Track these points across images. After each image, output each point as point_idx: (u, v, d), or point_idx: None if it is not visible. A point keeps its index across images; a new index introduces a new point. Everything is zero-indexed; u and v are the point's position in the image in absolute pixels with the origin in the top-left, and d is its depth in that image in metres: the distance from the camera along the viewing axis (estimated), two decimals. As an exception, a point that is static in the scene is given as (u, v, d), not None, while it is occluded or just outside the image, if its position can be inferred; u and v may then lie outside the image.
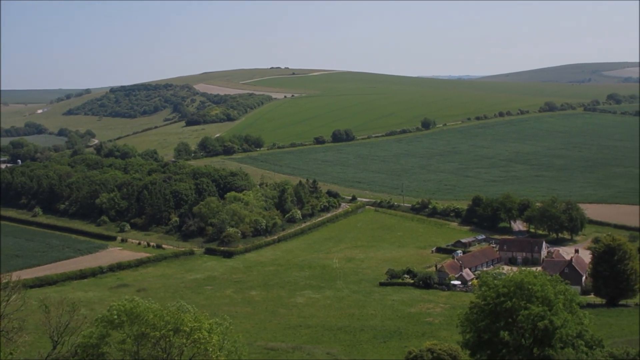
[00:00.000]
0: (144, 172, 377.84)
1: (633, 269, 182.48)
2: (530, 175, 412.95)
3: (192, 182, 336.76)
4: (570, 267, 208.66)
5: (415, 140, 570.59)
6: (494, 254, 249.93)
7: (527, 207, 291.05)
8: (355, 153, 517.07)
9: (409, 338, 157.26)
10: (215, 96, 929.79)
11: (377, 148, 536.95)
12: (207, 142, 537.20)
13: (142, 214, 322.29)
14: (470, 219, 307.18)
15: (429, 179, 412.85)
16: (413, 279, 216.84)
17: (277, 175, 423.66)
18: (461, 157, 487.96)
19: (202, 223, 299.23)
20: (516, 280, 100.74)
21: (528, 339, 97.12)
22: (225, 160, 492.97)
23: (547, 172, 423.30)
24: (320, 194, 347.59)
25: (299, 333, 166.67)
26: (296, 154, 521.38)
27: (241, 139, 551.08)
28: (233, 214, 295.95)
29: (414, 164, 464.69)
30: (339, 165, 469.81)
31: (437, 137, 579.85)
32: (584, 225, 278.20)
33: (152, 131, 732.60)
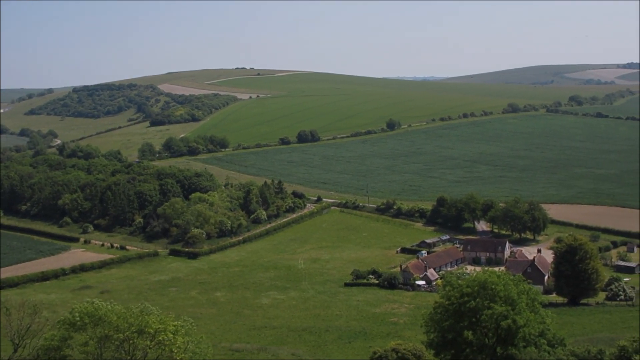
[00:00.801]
0: (108, 172, 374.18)
1: (594, 268, 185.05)
2: (494, 176, 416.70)
3: (156, 183, 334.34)
4: (533, 266, 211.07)
5: (380, 141, 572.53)
6: (458, 254, 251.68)
7: (490, 208, 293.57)
8: (320, 154, 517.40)
9: (374, 338, 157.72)
10: (180, 96, 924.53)
11: (342, 149, 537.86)
12: (171, 143, 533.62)
13: (105, 215, 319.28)
14: (434, 220, 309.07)
15: (394, 179, 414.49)
16: (378, 280, 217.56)
17: (242, 176, 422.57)
18: (426, 157, 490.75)
19: (166, 224, 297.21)
20: (480, 280, 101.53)
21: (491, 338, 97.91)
22: (190, 160, 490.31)
23: (510, 172, 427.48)
24: (286, 194, 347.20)
25: (264, 334, 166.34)
26: (261, 154, 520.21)
27: (206, 139, 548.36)
28: (198, 215, 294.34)
29: (379, 165, 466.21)
30: (304, 166, 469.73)
31: (402, 138, 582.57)
32: (547, 226, 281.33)
33: (115, 131, 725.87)
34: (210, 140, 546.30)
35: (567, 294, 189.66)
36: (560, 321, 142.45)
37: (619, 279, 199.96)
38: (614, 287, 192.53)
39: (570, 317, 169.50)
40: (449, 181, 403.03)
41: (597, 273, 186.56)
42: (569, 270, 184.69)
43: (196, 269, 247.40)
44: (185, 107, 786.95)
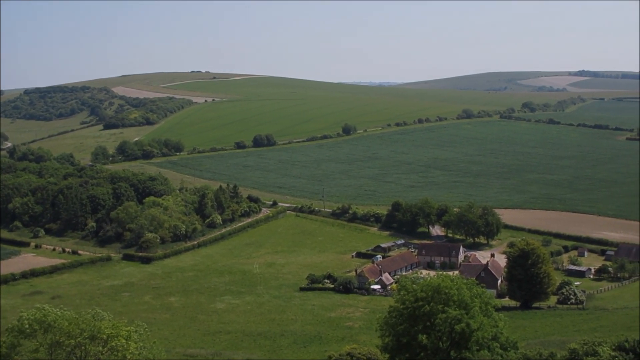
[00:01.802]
0: (60, 176, 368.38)
1: (546, 272, 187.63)
2: (448, 181, 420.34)
3: (109, 187, 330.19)
4: (487, 271, 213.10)
5: (336, 145, 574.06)
6: (412, 259, 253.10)
7: (445, 212, 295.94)
8: (276, 158, 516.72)
9: (329, 342, 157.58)
10: (134, 99, 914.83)
11: (298, 153, 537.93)
12: (125, 146, 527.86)
13: (57, 219, 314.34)
14: (389, 224, 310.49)
15: (349, 184, 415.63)
16: (333, 284, 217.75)
17: (198, 180, 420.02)
18: (381, 162, 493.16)
19: (119, 228, 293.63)
20: (434, 284, 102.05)
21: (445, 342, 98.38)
22: (144, 164, 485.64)
23: (464, 177, 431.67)
24: (241, 199, 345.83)
25: (219, 339, 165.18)
26: (217, 158, 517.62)
27: (161, 143, 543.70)
28: (152, 219, 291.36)
29: (335, 169, 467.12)
30: (260, 170, 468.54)
31: (358, 143, 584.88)
32: (500, 230, 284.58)
33: (68, 134, 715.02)
34: (165, 144, 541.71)
35: (519, 298, 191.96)
36: (513, 324, 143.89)
37: (570, 283, 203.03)
38: (565, 291, 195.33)
39: (523, 320, 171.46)
40: (404, 186, 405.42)
41: (549, 277, 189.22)
42: (521, 275, 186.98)
43: (150, 274, 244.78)
44: (140, 110, 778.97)
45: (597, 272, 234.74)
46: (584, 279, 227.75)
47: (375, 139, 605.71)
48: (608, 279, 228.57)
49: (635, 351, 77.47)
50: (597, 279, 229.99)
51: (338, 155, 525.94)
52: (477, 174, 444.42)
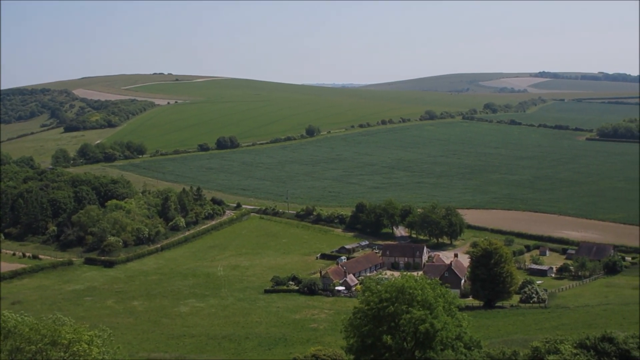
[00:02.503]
0: (19, 179, 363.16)
1: (509, 271, 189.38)
2: (412, 182, 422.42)
3: (70, 190, 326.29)
4: (450, 271, 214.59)
5: (299, 147, 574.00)
6: (377, 260, 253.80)
7: (408, 213, 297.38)
8: (240, 160, 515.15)
9: (294, 344, 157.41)
10: (95, 102, 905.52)
11: (262, 155, 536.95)
12: (87, 149, 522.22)
13: (17, 224, 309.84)
14: (354, 225, 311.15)
15: (313, 185, 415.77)
16: (298, 286, 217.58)
17: (161, 182, 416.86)
18: (345, 164, 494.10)
19: (81, 232, 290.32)
20: (398, 285, 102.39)
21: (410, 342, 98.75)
22: (106, 167, 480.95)
23: (427, 178, 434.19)
24: (205, 201, 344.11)
25: (183, 343, 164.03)
26: (180, 161, 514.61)
27: (123, 145, 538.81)
28: (114, 223, 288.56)
29: (299, 171, 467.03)
30: (223, 173, 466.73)
31: (322, 145, 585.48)
32: (463, 230, 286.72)
33: (28, 137, 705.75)
34: (127, 147, 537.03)
35: (483, 297, 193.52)
36: (477, 324, 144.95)
37: (532, 282, 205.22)
38: (527, 289, 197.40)
39: (486, 319, 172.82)
40: (367, 187, 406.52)
41: (512, 276, 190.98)
42: (484, 274, 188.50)
43: (112, 278, 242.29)
44: (101, 112, 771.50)
45: (558, 271, 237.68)
46: (546, 277, 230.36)
47: (339, 141, 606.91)
48: (569, 277, 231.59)
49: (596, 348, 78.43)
50: (558, 277, 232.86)
51: (302, 157, 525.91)
52: (440, 174, 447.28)
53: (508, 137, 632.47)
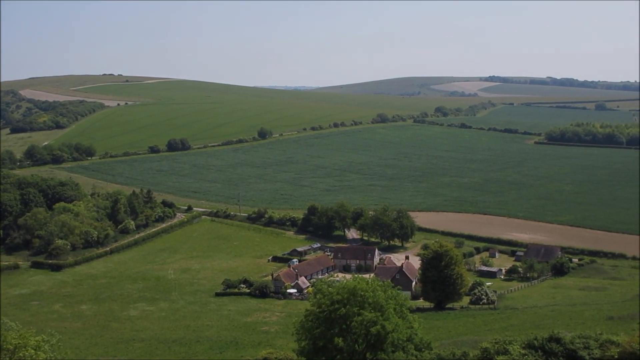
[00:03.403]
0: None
1: (459, 273, 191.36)
2: (364, 185, 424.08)
3: (17, 193, 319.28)
4: (401, 273, 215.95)
5: (251, 149, 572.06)
6: (328, 262, 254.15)
7: (360, 216, 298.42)
8: (191, 162, 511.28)
9: (245, 348, 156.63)
10: (43, 102, 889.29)
11: (213, 157, 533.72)
12: (34, 151, 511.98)
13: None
14: (305, 228, 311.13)
15: (265, 188, 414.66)
16: (249, 289, 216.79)
17: (110, 185, 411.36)
18: (297, 166, 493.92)
19: (28, 235, 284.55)
20: (350, 287, 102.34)
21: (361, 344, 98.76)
22: (54, 169, 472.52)
23: (379, 181, 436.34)
24: (155, 204, 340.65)
25: (132, 347, 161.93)
26: (130, 163, 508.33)
27: (71, 147, 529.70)
28: (62, 226, 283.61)
29: (251, 174, 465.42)
30: (174, 175, 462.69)
31: (274, 147, 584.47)
32: (414, 233, 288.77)
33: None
34: (75, 148, 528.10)
35: (433, 299, 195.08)
36: (427, 325, 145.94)
37: (482, 284, 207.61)
38: (477, 291, 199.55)
39: (437, 321, 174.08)
40: (319, 190, 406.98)
41: (462, 278, 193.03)
42: (435, 276, 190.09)
43: (60, 282, 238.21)
44: (49, 113, 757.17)
45: (507, 273, 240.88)
46: (495, 279, 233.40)
47: (291, 143, 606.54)
48: (518, 279, 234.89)
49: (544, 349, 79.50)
50: (507, 279, 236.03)
51: (254, 160, 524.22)
52: (392, 177, 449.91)
53: (458, 141, 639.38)
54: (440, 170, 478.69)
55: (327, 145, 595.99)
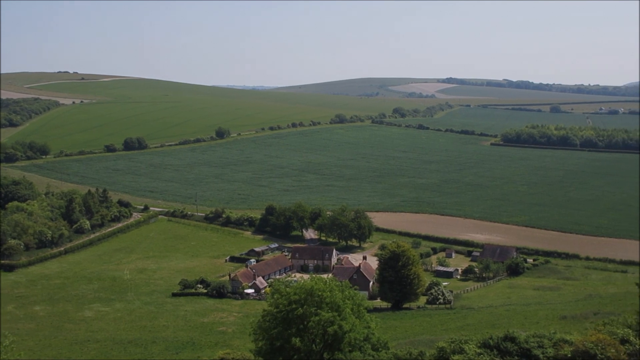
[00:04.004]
0: None
1: (416, 273, 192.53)
2: (322, 185, 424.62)
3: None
4: (359, 273, 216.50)
5: (209, 149, 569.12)
6: (286, 262, 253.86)
7: (318, 216, 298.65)
8: (147, 162, 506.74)
9: (202, 348, 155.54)
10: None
11: (170, 157, 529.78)
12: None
13: None
14: (263, 228, 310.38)
15: (223, 188, 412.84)
16: (206, 289, 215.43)
17: (65, 184, 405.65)
18: (255, 166, 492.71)
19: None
20: (307, 287, 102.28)
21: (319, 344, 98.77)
22: (7, 168, 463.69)
23: (337, 181, 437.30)
24: (111, 203, 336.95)
25: (87, 348, 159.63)
26: (85, 162, 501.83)
27: (25, 145, 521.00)
28: (15, 225, 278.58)
29: (208, 173, 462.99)
30: (130, 174, 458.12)
31: (232, 147, 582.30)
32: (372, 233, 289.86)
33: None
34: (29, 147, 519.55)
35: (390, 299, 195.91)
36: (384, 325, 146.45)
37: (438, 284, 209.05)
38: (433, 291, 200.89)
39: (394, 321, 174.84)
40: (278, 190, 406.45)
41: (419, 278, 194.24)
42: (392, 276, 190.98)
43: (13, 282, 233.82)
44: (2, 111, 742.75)
45: (463, 273, 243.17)
46: (452, 279, 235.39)
47: (249, 143, 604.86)
48: (474, 279, 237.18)
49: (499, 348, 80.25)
50: (463, 279, 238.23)
51: (211, 159, 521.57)
52: (350, 178, 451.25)
53: (416, 142, 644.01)
54: (397, 171, 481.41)
55: (285, 146, 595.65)
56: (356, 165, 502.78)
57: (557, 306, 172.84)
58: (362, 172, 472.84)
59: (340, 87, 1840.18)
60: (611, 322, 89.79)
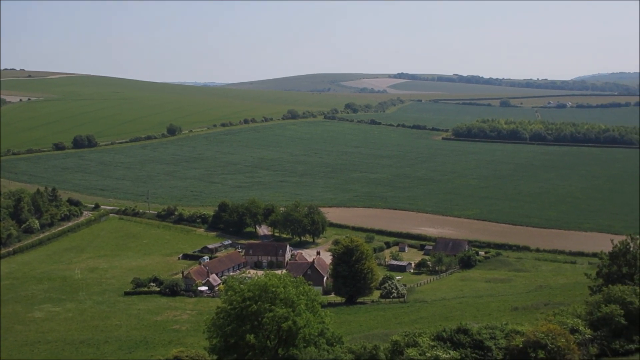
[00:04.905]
0: None
1: (369, 268, 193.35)
2: (275, 181, 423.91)
3: None
4: (313, 268, 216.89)
5: (160, 146, 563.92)
6: (240, 259, 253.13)
7: (271, 212, 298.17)
8: (98, 160, 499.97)
9: (156, 347, 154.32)
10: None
11: (121, 154, 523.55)
12: None
13: None
14: (216, 225, 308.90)
15: (175, 185, 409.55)
16: (159, 287, 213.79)
17: (12, 183, 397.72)
18: (207, 163, 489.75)
19: None
20: (261, 283, 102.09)
21: (273, 341, 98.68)
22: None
23: (290, 177, 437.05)
24: (61, 202, 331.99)
25: (37, 349, 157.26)
26: (34, 160, 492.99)
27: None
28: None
29: (160, 171, 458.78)
30: (80, 172, 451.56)
31: (183, 144, 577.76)
32: (325, 228, 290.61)
33: None
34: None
35: (344, 294, 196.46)
36: (339, 320, 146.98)
37: (391, 278, 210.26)
38: (387, 285, 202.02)
39: (348, 315, 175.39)
40: (230, 186, 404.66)
41: (372, 273, 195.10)
42: (346, 271, 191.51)
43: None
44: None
45: (416, 266, 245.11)
46: (405, 273, 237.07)
47: (201, 140, 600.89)
48: (427, 272, 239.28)
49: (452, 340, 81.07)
50: (417, 272, 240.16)
51: (163, 156, 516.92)
52: (303, 173, 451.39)
53: (368, 137, 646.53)
54: (350, 166, 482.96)
55: (237, 142, 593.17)
56: (309, 161, 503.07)
57: (509, 298, 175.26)
58: (315, 168, 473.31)
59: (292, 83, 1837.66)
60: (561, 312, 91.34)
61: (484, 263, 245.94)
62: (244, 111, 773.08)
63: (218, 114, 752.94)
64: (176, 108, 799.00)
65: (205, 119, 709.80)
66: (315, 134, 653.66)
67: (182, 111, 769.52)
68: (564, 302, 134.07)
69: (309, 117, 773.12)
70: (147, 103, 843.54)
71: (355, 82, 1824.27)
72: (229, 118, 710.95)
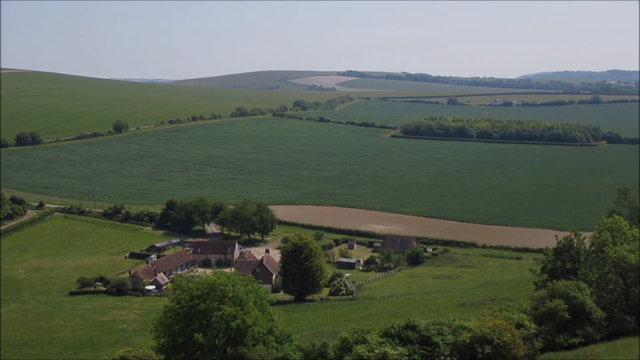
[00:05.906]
0: None
1: (318, 265, 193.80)
2: (224, 179, 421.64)
3: None
4: (262, 266, 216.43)
5: (107, 143, 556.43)
6: (188, 257, 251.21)
7: (220, 210, 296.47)
8: (42, 157, 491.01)
9: (102, 347, 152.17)
10: None
11: (66, 152, 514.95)
12: None
13: None
14: (164, 223, 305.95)
15: (122, 183, 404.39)
16: (106, 287, 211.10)
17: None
18: (155, 161, 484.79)
19: None
20: (209, 282, 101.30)
21: (222, 339, 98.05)
22: None
23: (239, 175, 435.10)
24: (3, 200, 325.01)
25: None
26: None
27: None
28: None
29: (106, 168, 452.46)
30: (24, 170, 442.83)
31: (130, 141, 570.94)
32: (274, 226, 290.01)
33: None
34: None
35: (293, 292, 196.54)
36: (288, 318, 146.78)
37: (340, 275, 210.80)
38: (336, 282, 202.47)
39: (297, 313, 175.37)
40: (178, 184, 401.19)
41: (321, 270, 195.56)
42: (295, 269, 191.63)
43: None
44: None
45: (365, 264, 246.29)
46: (354, 270, 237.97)
47: (149, 137, 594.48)
48: (375, 269, 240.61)
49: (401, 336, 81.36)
50: (365, 269, 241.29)
51: (109, 154, 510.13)
52: (252, 171, 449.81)
53: (317, 134, 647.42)
54: (299, 163, 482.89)
55: (185, 139, 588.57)
56: (258, 159, 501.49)
57: (456, 294, 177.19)
58: (264, 165, 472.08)
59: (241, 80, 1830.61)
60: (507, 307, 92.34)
61: (432, 260, 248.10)
62: (192, 108, 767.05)
63: (166, 110, 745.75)
64: (123, 105, 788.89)
65: (152, 116, 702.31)
66: (264, 132, 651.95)
67: (129, 108, 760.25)
68: (510, 298, 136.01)
69: (258, 114, 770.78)
70: (93, 99, 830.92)
71: (304, 79, 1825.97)
72: (177, 115, 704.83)
